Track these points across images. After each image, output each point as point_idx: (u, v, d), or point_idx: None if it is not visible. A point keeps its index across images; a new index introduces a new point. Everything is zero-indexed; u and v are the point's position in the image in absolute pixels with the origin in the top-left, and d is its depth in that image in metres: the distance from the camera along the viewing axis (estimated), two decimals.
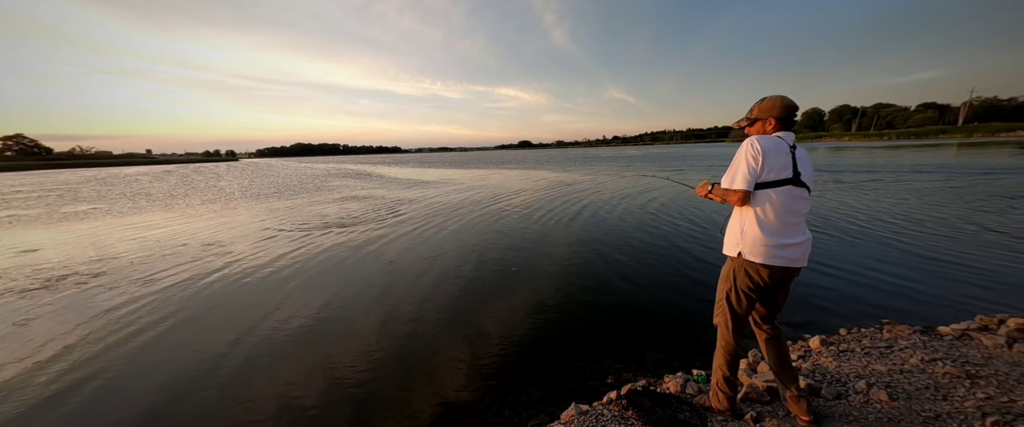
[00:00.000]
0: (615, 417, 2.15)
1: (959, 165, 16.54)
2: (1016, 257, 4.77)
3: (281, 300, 4.39)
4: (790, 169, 1.61)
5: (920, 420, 1.84)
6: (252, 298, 4.49)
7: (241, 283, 4.99)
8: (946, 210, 7.61)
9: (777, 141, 1.64)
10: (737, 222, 1.74)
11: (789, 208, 1.62)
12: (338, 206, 11.81)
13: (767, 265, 1.64)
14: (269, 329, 3.70)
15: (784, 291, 1.77)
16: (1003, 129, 54.36)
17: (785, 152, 1.62)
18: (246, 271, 5.43)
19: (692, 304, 3.94)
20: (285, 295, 4.54)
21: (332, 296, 4.47)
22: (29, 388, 2.90)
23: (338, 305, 4.21)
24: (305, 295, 4.51)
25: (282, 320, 3.89)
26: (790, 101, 1.69)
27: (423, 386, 2.78)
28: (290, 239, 7.24)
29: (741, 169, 1.65)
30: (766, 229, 1.63)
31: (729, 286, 1.80)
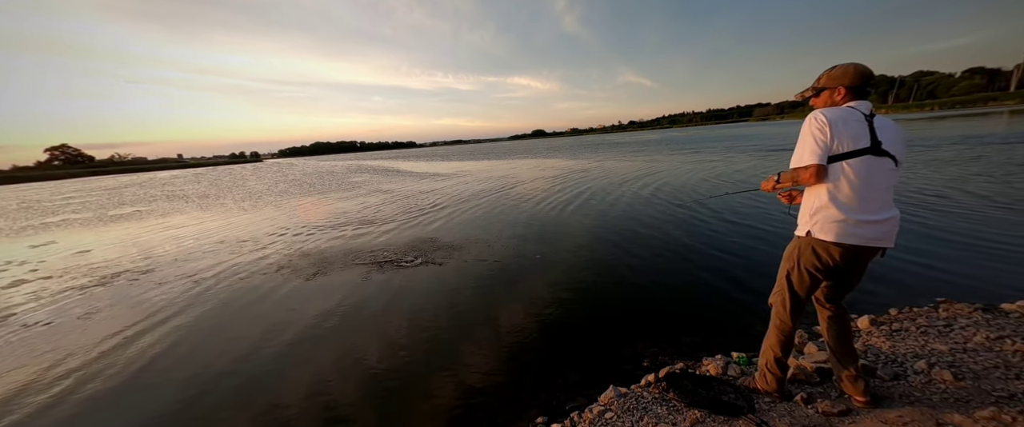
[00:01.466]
0: (656, 399, 2.12)
1: (1014, 134, 15.26)
2: None
3: (305, 298, 4.54)
4: (867, 138, 1.46)
5: (991, 400, 1.73)
6: (279, 295, 4.65)
7: (271, 278, 5.18)
8: (1003, 179, 7.04)
9: (846, 110, 1.50)
10: (809, 200, 1.60)
11: (868, 181, 1.46)
12: (361, 202, 12.06)
13: (840, 243, 1.51)
14: (299, 323, 3.82)
15: (859, 272, 1.64)
16: None
17: (858, 120, 1.48)
18: (274, 267, 5.65)
19: (725, 289, 3.82)
20: (308, 294, 4.67)
21: (355, 291, 4.56)
22: (102, 376, 3.13)
23: (363, 299, 4.29)
24: (329, 292, 4.62)
25: (310, 314, 4.01)
26: (865, 68, 1.53)
27: (459, 371, 2.82)
28: (309, 238, 7.46)
29: (808, 144, 1.51)
30: (840, 204, 1.48)
31: (792, 265, 1.69)
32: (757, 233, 5.43)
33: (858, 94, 1.54)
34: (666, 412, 1.99)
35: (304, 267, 5.46)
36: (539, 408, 2.37)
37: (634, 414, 2.01)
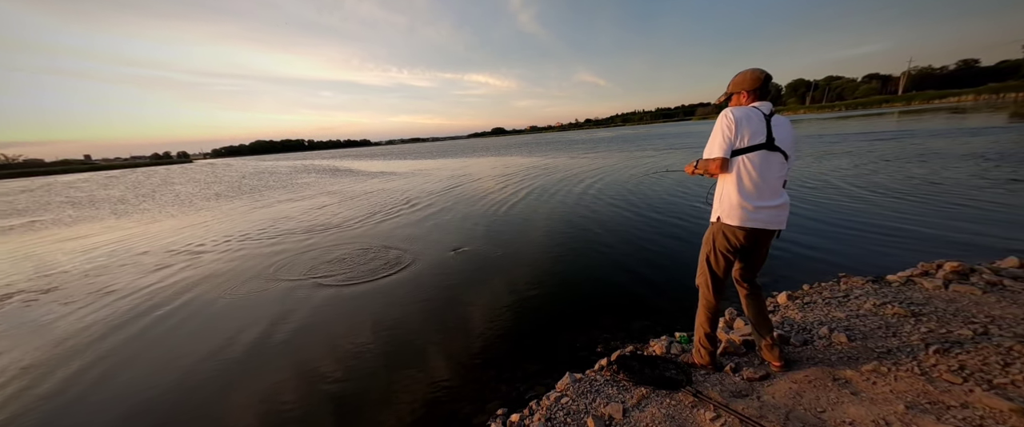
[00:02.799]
0: (607, 381, 2.26)
1: (901, 131, 17.94)
2: (950, 210, 5.31)
3: (248, 311, 4.25)
4: (764, 135, 1.70)
5: (875, 355, 2.06)
6: (217, 308, 4.31)
7: (208, 290, 4.77)
8: (888, 172, 8.29)
9: (750, 110, 1.73)
10: (719, 191, 1.86)
11: (763, 172, 1.72)
12: (306, 204, 11.37)
13: (742, 227, 1.76)
14: (243, 340, 3.58)
15: (761, 252, 1.90)
16: (937, 96, 59.11)
17: (759, 119, 1.71)
18: (210, 278, 5.19)
19: (669, 273, 4.15)
20: (251, 306, 4.38)
21: (304, 299, 4.36)
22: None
23: (311, 307, 4.10)
24: (273, 303, 4.36)
25: (255, 329, 3.76)
26: (759, 71, 1.77)
27: (418, 374, 2.80)
28: (247, 246, 6.95)
29: (717, 139, 1.75)
30: (742, 193, 1.73)
31: (709, 248, 1.92)
32: (692, 221, 5.93)
33: (759, 95, 1.77)
34: (616, 392, 2.14)
35: (243, 278, 5.07)
36: (500, 400, 2.43)
37: (588, 397, 2.14)
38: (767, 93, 1.78)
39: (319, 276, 4.85)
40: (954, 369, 1.80)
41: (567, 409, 2.07)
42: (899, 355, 2.04)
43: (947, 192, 6.24)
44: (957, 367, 1.81)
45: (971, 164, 8.31)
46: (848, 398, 1.75)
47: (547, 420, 2.01)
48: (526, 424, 2.05)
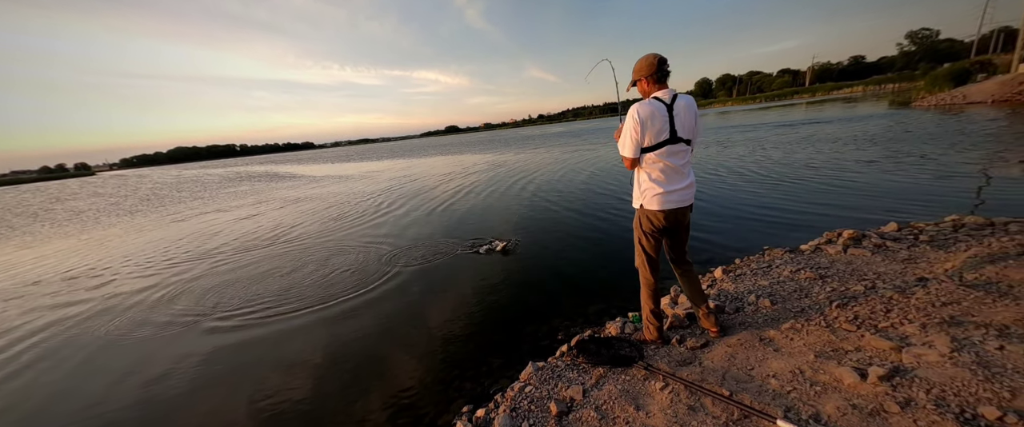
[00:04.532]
0: (569, 366, 2.36)
1: (808, 118, 20.46)
2: (848, 186, 6.18)
3: (172, 327, 3.85)
4: (667, 131, 1.85)
5: (791, 315, 2.36)
6: (145, 332, 3.85)
7: (131, 320, 4.23)
8: (798, 155, 9.45)
9: (652, 107, 1.84)
10: (636, 181, 2.05)
11: (670, 163, 1.91)
12: (240, 215, 10.41)
13: (661, 210, 1.97)
14: (188, 364, 3.24)
15: (682, 227, 2.10)
16: (834, 88, 68.03)
17: (662, 115, 1.84)
18: (137, 305, 4.60)
19: (619, 257, 4.40)
20: (177, 324, 3.97)
21: (247, 314, 4.04)
22: None
23: (255, 321, 3.83)
24: (199, 322, 4.00)
25: (199, 352, 3.42)
26: (653, 56, 1.89)
27: (379, 384, 2.72)
28: (174, 267, 6.26)
29: (627, 141, 1.92)
30: (656, 182, 1.94)
31: (638, 233, 2.11)
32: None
33: (657, 79, 1.89)
34: (577, 375, 2.24)
35: (176, 299, 4.55)
36: (465, 398, 2.44)
37: (550, 383, 2.21)
38: (665, 76, 1.90)
39: (251, 299, 4.48)
40: (850, 319, 2.12)
41: (531, 397, 2.13)
42: (810, 312, 2.35)
43: (846, 171, 7.26)
44: (852, 317, 2.14)
45: (863, 146, 9.72)
46: (771, 355, 2.00)
47: (512, 411, 2.05)
48: (491, 418, 2.08)
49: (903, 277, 2.60)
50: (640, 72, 1.93)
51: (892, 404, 1.39)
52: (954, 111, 15.84)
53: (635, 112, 1.85)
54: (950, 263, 2.59)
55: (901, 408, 1.36)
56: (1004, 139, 8.55)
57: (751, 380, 1.84)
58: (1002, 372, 1.40)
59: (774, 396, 1.67)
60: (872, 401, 1.44)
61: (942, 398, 1.36)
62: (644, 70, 1.91)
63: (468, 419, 2.18)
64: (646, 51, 1.96)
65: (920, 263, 2.82)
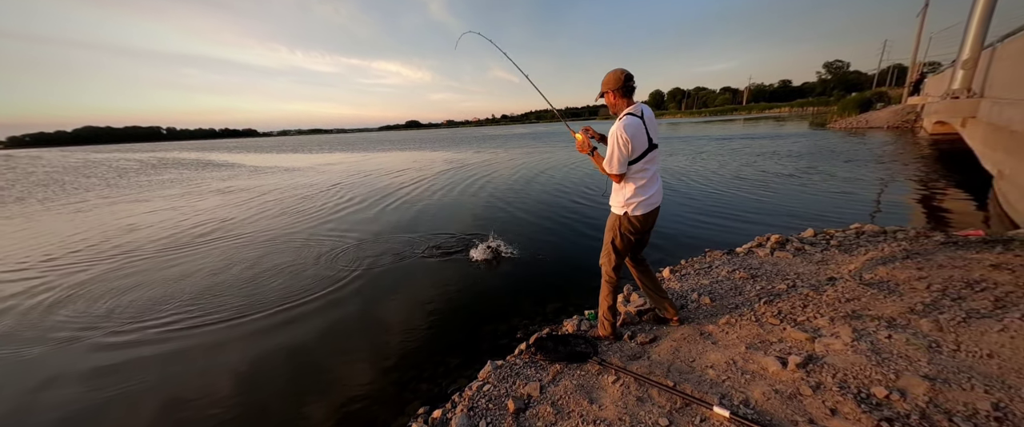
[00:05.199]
0: (527, 363, 2.40)
1: (746, 134, 22.59)
2: (777, 196, 6.92)
3: (42, 343, 3.38)
4: (646, 141, 1.99)
5: (727, 311, 2.60)
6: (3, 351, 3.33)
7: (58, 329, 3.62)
8: (736, 166, 10.42)
9: (634, 123, 1.96)
10: (620, 189, 2.10)
11: (650, 169, 2.05)
12: (171, 205, 9.33)
13: (645, 214, 2.08)
14: (33, 386, 2.84)
15: (652, 228, 2.25)
16: (767, 107, 75.99)
17: (642, 130, 1.98)
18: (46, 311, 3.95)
19: (574, 257, 4.56)
20: (51, 340, 3.50)
21: (149, 326, 3.64)
22: None
23: (159, 334, 3.45)
24: (126, 329, 3.56)
25: (54, 367, 3.02)
26: (621, 71, 2.01)
27: (328, 391, 2.59)
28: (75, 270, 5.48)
29: (616, 156, 1.97)
30: (641, 190, 2.04)
31: (614, 234, 2.18)
32: (589, 211, 6.62)
33: (626, 92, 2.01)
34: (534, 372, 2.29)
35: (58, 307, 3.96)
36: (421, 399, 2.40)
37: (508, 381, 2.24)
38: (631, 91, 2.03)
39: (159, 305, 4.04)
40: (775, 314, 2.38)
41: (489, 395, 2.14)
42: (742, 309, 2.60)
43: (777, 182, 8.12)
44: (777, 312, 2.41)
45: (790, 160, 10.93)
46: (710, 347, 2.19)
47: (470, 410, 2.05)
48: (448, 418, 2.06)
49: (817, 276, 2.97)
50: (608, 85, 2.03)
51: (806, 388, 1.59)
52: (859, 133, 18.35)
53: (622, 131, 1.92)
54: (853, 265, 3.00)
55: (813, 391, 1.57)
56: (893, 159, 10.07)
57: (692, 371, 2.00)
58: (890, 357, 1.66)
59: (711, 385, 1.83)
60: (790, 386, 1.63)
61: (845, 381, 1.58)
62: (612, 84, 2.01)
63: (424, 421, 2.14)
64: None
65: (830, 265, 3.24)
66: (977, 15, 7.18)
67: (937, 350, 1.62)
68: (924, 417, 1.30)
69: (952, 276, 2.29)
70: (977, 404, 1.31)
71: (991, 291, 1.99)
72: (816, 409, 1.47)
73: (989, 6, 7.09)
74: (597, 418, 1.77)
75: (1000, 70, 6.15)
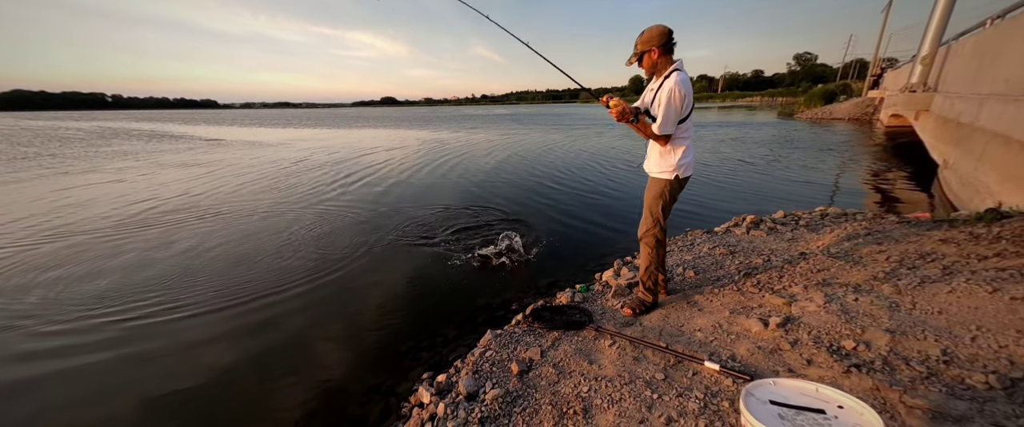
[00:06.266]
0: (525, 332, 2.51)
1: (721, 122, 23.35)
2: (750, 179, 7.30)
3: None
4: (692, 104, 1.95)
5: (710, 282, 2.80)
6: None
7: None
8: (714, 153, 10.84)
9: (686, 79, 1.86)
10: (669, 153, 2.02)
11: (692, 129, 2.02)
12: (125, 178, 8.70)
13: (690, 176, 2.09)
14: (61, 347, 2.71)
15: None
16: (740, 96, 78.60)
17: (690, 89, 1.89)
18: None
19: (563, 233, 4.69)
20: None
21: (103, 315, 3.49)
22: None
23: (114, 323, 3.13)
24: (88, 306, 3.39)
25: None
26: (664, 26, 1.85)
27: (324, 365, 2.61)
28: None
29: (671, 115, 1.85)
30: (690, 150, 2.02)
31: (665, 201, 2.12)
32: (585, 193, 6.77)
33: (669, 50, 1.86)
34: (533, 339, 2.40)
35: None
36: (423, 366, 2.47)
37: (509, 347, 2.34)
38: (673, 47, 1.88)
39: (122, 292, 3.84)
40: (754, 284, 2.59)
41: (491, 360, 2.24)
42: (724, 280, 2.81)
43: (749, 167, 8.54)
44: (756, 283, 2.61)
45: (760, 148, 11.47)
46: (697, 314, 2.36)
47: (474, 373, 2.14)
48: (453, 381, 2.15)
49: (789, 252, 3.23)
50: (652, 41, 1.84)
51: (785, 344, 1.78)
52: (824, 124, 19.41)
53: (678, 88, 1.78)
54: (821, 241, 3.27)
55: (791, 346, 1.75)
56: (853, 148, 10.79)
57: (682, 334, 2.17)
58: (856, 316, 1.88)
59: (700, 344, 2.00)
60: (771, 343, 1.82)
61: (818, 337, 1.78)
62: (658, 39, 1.83)
63: (429, 384, 2.22)
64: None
65: (800, 242, 3.51)
66: (937, 12, 7.68)
67: (896, 309, 1.85)
68: (886, 363, 1.50)
69: (907, 250, 2.56)
70: (929, 351, 1.52)
71: (940, 261, 2.27)
72: (794, 360, 1.66)
73: (949, 4, 7.59)
74: (598, 376, 1.90)
75: (953, 67, 6.66)
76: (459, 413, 1.80)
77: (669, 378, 1.75)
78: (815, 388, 1.09)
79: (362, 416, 2.11)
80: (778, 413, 1.03)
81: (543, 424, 1.66)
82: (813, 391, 1.09)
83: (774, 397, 1.10)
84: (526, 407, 1.78)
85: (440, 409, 1.86)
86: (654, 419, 1.52)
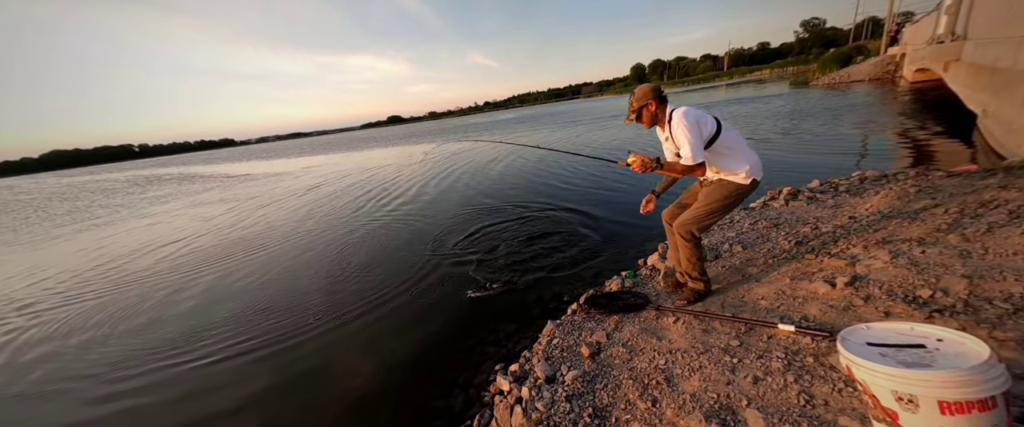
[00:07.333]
0: (584, 319, 2.60)
1: (731, 98, 22.85)
2: (784, 148, 7.18)
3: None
4: (712, 119, 2.02)
5: (762, 254, 2.81)
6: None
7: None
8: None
9: (691, 109, 1.98)
10: (731, 162, 2.06)
11: (740, 138, 2.08)
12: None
13: (760, 179, 2.09)
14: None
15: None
16: (748, 71, 76.46)
17: (697, 110, 2.00)
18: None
19: (604, 223, 4.76)
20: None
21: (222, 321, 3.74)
22: None
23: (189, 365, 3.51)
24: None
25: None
26: (655, 83, 2.12)
27: (400, 371, 2.76)
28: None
29: (692, 143, 1.90)
30: (753, 153, 2.07)
31: (728, 204, 2.12)
32: (598, 191, 6.81)
33: (663, 100, 2.05)
34: (595, 325, 2.48)
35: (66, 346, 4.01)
36: (493, 360, 2.58)
37: (574, 334, 2.44)
38: (667, 100, 2.07)
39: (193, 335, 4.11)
40: (808, 251, 2.60)
41: (560, 347, 2.34)
42: (775, 251, 2.82)
43: (768, 140, 8.37)
44: (809, 249, 2.63)
45: (776, 121, 11.21)
46: (755, 285, 2.40)
47: (547, 359, 2.24)
48: (527, 369, 2.25)
49: (836, 218, 3.20)
50: (646, 97, 2.03)
51: (858, 300, 1.81)
52: (842, 88, 18.73)
53: (682, 118, 1.91)
54: (868, 205, 3.24)
55: (865, 302, 1.78)
56: (879, 109, 10.42)
57: (745, 304, 2.21)
58: (927, 267, 1.89)
59: (767, 311, 2.04)
60: (843, 301, 1.85)
61: (891, 290, 1.80)
62: (651, 93, 2.03)
63: (503, 373, 2.33)
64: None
65: (845, 208, 3.47)
66: None
67: (968, 256, 1.85)
68: (968, 305, 1.52)
69: (965, 200, 2.52)
70: (1012, 290, 1.53)
71: (1004, 207, 2.23)
72: (870, 314, 1.69)
73: None
74: (670, 349, 1.97)
75: (981, 13, 6.41)
76: (544, 394, 1.90)
77: (745, 344, 1.81)
78: (910, 327, 1.14)
79: (447, 408, 2.23)
80: (878, 352, 1.09)
81: (628, 395, 1.74)
82: (908, 330, 1.14)
83: (870, 339, 1.16)
84: (607, 383, 1.87)
85: (524, 392, 1.97)
86: (739, 380, 1.58)
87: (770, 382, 1.51)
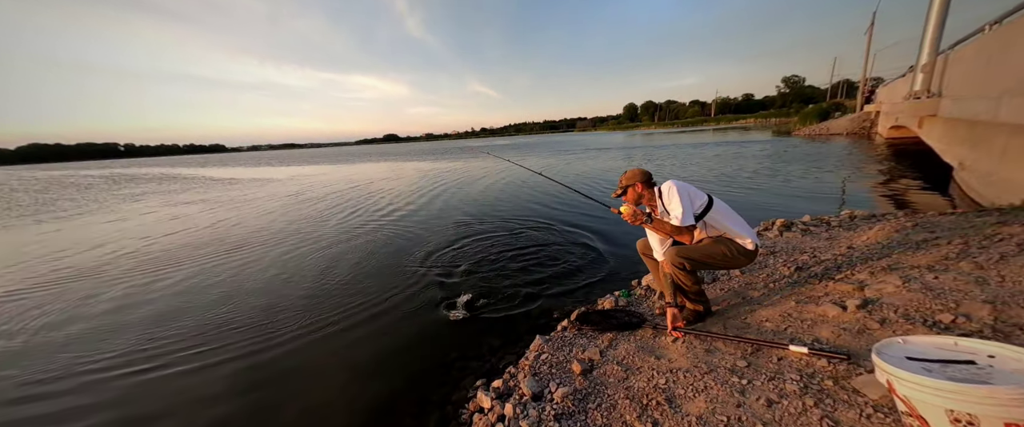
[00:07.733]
0: (576, 335, 2.40)
1: (720, 142, 23.73)
2: (766, 190, 7.29)
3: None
4: (703, 193, 2.02)
5: (761, 279, 2.70)
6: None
7: None
8: (719, 169, 10.90)
9: (675, 182, 2.01)
10: (726, 236, 2.05)
11: (732, 213, 2.07)
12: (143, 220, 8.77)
13: (757, 251, 2.05)
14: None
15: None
16: (734, 119, 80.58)
17: (687, 185, 2.01)
18: None
19: (599, 241, 4.61)
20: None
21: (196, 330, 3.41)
22: None
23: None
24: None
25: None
26: (642, 168, 2.18)
27: (371, 386, 2.48)
28: None
29: (682, 206, 1.92)
30: (742, 226, 2.04)
31: (721, 258, 2.02)
32: (592, 213, 6.75)
33: (650, 184, 2.12)
34: (587, 341, 2.29)
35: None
36: (475, 375, 2.33)
37: (564, 349, 2.23)
38: (653, 182, 2.14)
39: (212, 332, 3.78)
40: (811, 276, 2.50)
41: (548, 362, 2.12)
42: (775, 276, 2.71)
43: (760, 180, 8.55)
44: (812, 275, 2.53)
45: (762, 162, 11.57)
46: (758, 307, 2.26)
47: (533, 374, 2.02)
48: (512, 385, 2.02)
49: (833, 249, 3.14)
50: (634, 178, 2.12)
51: (872, 323, 1.68)
52: (822, 139, 19.68)
53: (671, 188, 1.96)
54: (865, 237, 3.20)
55: (880, 325, 1.65)
56: (857, 159, 10.87)
57: (749, 326, 2.06)
58: (944, 292, 1.78)
59: (773, 333, 1.89)
60: (856, 324, 1.71)
61: (908, 314, 1.68)
62: (639, 176, 2.12)
63: (485, 389, 2.09)
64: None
65: (840, 240, 3.43)
66: (932, 25, 8.01)
67: (985, 282, 1.76)
68: (996, 330, 1.40)
69: (966, 234, 2.49)
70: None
71: (1009, 240, 2.19)
72: (887, 337, 1.55)
73: (941, 16, 7.93)
74: (671, 369, 1.79)
75: (956, 72, 6.83)
76: (529, 412, 1.67)
77: (753, 365, 1.64)
78: (953, 341, 1.01)
79: (419, 426, 1.96)
80: (922, 367, 0.95)
81: (624, 416, 1.54)
82: (952, 344, 1.01)
83: (910, 353, 1.01)
84: (601, 402, 1.66)
85: (507, 410, 1.74)
86: (751, 402, 1.40)
87: (786, 405, 1.34)
